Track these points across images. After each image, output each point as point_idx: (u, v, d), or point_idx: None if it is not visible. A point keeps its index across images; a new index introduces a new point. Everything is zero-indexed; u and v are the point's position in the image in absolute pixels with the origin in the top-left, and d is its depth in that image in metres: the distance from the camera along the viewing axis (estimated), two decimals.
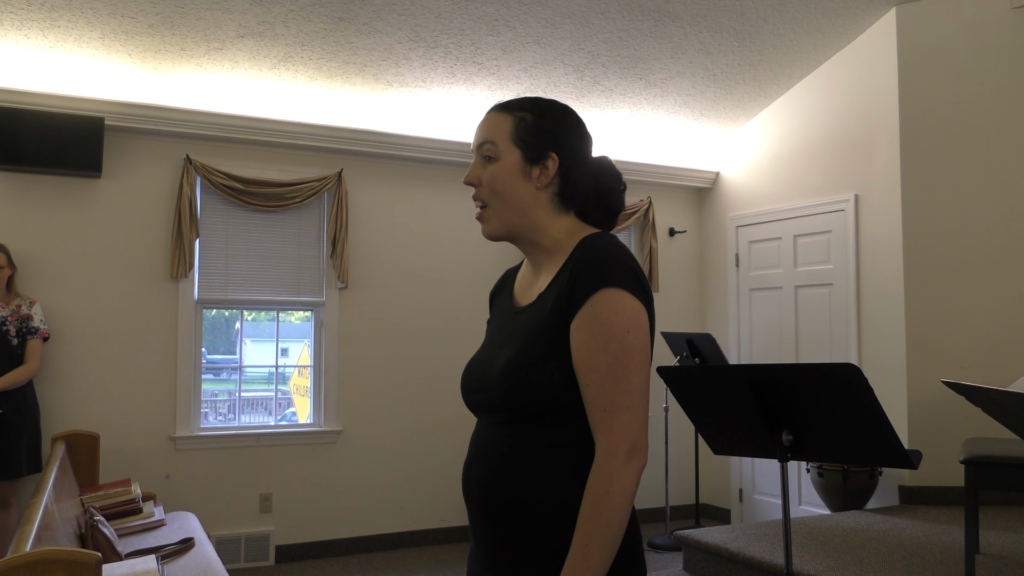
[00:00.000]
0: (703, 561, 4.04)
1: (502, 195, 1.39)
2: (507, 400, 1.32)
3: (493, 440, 1.36)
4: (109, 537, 3.19)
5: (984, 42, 4.85)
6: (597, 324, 1.27)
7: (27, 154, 4.37)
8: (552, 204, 1.41)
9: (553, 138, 1.40)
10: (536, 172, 1.39)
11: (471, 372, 1.44)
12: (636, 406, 1.25)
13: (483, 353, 1.44)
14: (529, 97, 1.45)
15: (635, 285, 1.29)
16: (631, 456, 1.24)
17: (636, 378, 1.26)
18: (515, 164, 1.39)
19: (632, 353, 1.26)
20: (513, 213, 1.40)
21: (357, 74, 4.82)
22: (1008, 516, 4.42)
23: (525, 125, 1.40)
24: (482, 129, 1.43)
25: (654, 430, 6.15)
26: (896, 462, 2.07)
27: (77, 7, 3.96)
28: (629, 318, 1.27)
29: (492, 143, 1.40)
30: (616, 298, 1.27)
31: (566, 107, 1.46)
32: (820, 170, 5.49)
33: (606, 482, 1.23)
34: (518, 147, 1.39)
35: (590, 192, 1.44)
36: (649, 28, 4.76)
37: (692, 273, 6.50)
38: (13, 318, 4.16)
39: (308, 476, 5.07)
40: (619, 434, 1.24)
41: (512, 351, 1.35)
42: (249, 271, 5.05)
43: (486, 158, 1.41)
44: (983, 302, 4.78)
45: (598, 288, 1.27)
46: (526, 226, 1.41)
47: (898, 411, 4.83)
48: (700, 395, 2.34)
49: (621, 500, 1.22)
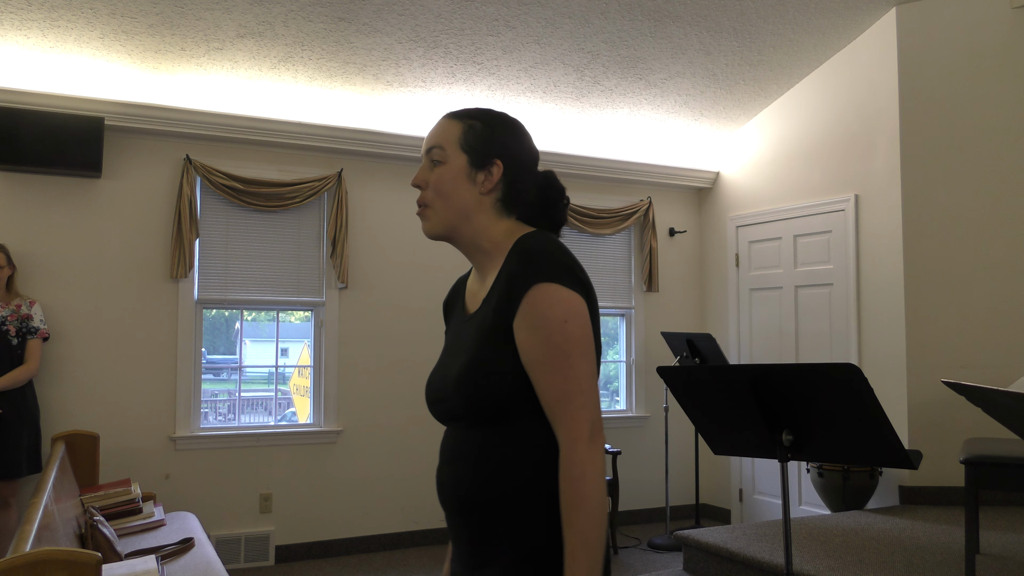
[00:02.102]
0: (703, 561, 4.04)
1: (446, 197, 1.44)
2: (467, 406, 1.37)
3: (461, 444, 1.41)
4: (109, 537, 3.19)
5: (984, 42, 4.85)
6: (535, 319, 1.31)
7: (27, 154, 4.37)
8: (494, 208, 1.46)
9: (499, 146, 1.45)
10: (481, 177, 1.44)
11: (431, 384, 1.48)
12: (587, 390, 1.29)
13: (440, 362, 1.49)
14: (480, 107, 1.50)
15: (569, 278, 1.33)
16: (592, 438, 1.29)
17: (582, 363, 1.30)
18: (461, 168, 1.44)
19: (574, 341, 1.30)
20: (454, 215, 1.44)
21: (357, 74, 4.82)
22: (1008, 516, 4.42)
23: (473, 132, 1.45)
24: (432, 134, 1.47)
25: (654, 430, 6.15)
26: (896, 462, 2.07)
27: (77, 7, 3.96)
28: (566, 308, 1.30)
29: (440, 148, 1.45)
30: (550, 291, 1.31)
31: (515, 120, 1.51)
32: (820, 170, 5.49)
33: (578, 466, 1.27)
34: (465, 152, 1.44)
35: (534, 202, 1.48)
36: (649, 28, 4.76)
37: (692, 273, 6.50)
38: (13, 318, 4.16)
39: (308, 476, 5.06)
40: (577, 420, 1.29)
41: (464, 358, 1.39)
42: (249, 271, 5.05)
43: (434, 162, 1.45)
44: (983, 302, 4.78)
45: (531, 285, 1.31)
46: (467, 229, 1.45)
47: (898, 411, 4.83)
48: (700, 395, 2.34)
49: (596, 480, 1.27)
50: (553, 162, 5.84)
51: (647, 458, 6.12)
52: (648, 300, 6.29)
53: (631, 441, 6.05)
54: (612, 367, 6.39)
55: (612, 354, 6.37)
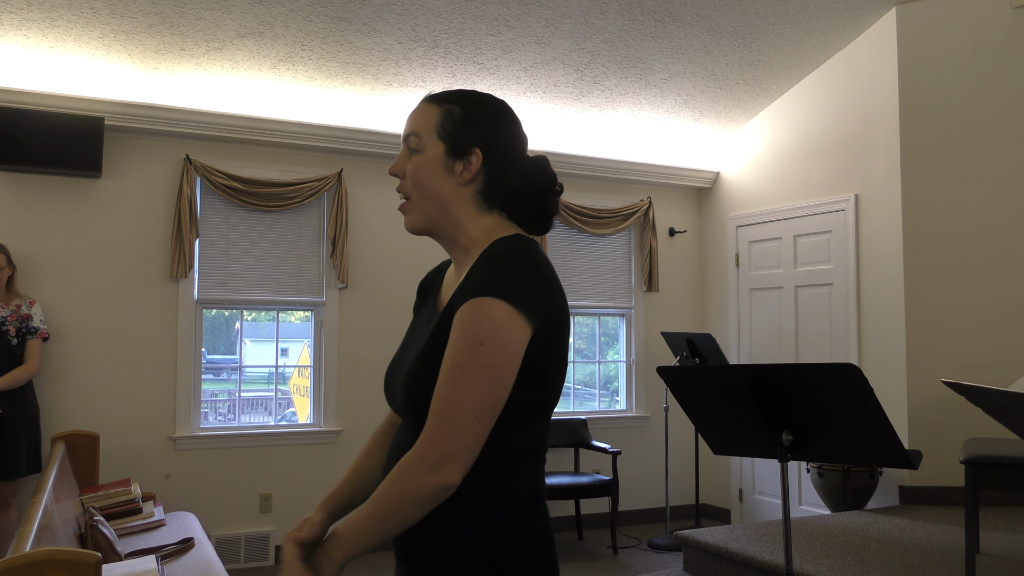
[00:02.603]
0: (703, 561, 4.04)
1: (423, 188, 1.36)
2: (410, 407, 1.31)
3: (404, 443, 1.34)
4: (109, 537, 3.19)
5: (985, 42, 4.85)
6: (459, 329, 1.24)
7: (27, 154, 4.37)
8: (474, 202, 1.38)
9: (479, 133, 1.36)
10: (459, 167, 1.35)
11: (389, 375, 1.43)
12: (459, 419, 1.20)
13: (399, 354, 1.43)
14: (462, 90, 1.41)
15: (520, 297, 1.23)
16: (435, 468, 1.20)
17: (471, 391, 1.20)
18: (437, 158, 1.35)
19: (478, 365, 1.21)
20: (433, 207, 1.37)
21: (357, 74, 4.82)
22: (1008, 516, 4.42)
23: (452, 118, 1.36)
24: (410, 120, 1.39)
25: (654, 430, 6.15)
26: (896, 462, 2.07)
27: (77, 7, 3.96)
28: (490, 329, 1.21)
29: (417, 135, 1.37)
30: (485, 307, 1.22)
31: (499, 102, 1.41)
32: (820, 170, 5.49)
33: (397, 476, 1.22)
34: (442, 140, 1.36)
35: (517, 191, 1.39)
36: (649, 28, 4.76)
37: (692, 273, 6.50)
38: (13, 318, 4.16)
39: (308, 476, 5.06)
40: (431, 440, 1.21)
41: (413, 357, 1.34)
42: (249, 271, 5.04)
43: (411, 150, 1.37)
44: (983, 302, 4.78)
45: (474, 295, 1.24)
46: (446, 222, 1.38)
47: (898, 411, 4.83)
48: (700, 395, 2.34)
49: (401, 500, 1.22)
50: (553, 162, 5.80)
51: (647, 458, 6.12)
52: (648, 300, 6.29)
53: (631, 441, 6.05)
54: (612, 367, 6.39)
55: (612, 354, 6.37)
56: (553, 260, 5.88)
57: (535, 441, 1.35)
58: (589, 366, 6.36)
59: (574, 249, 6.04)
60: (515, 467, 1.32)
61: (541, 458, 1.39)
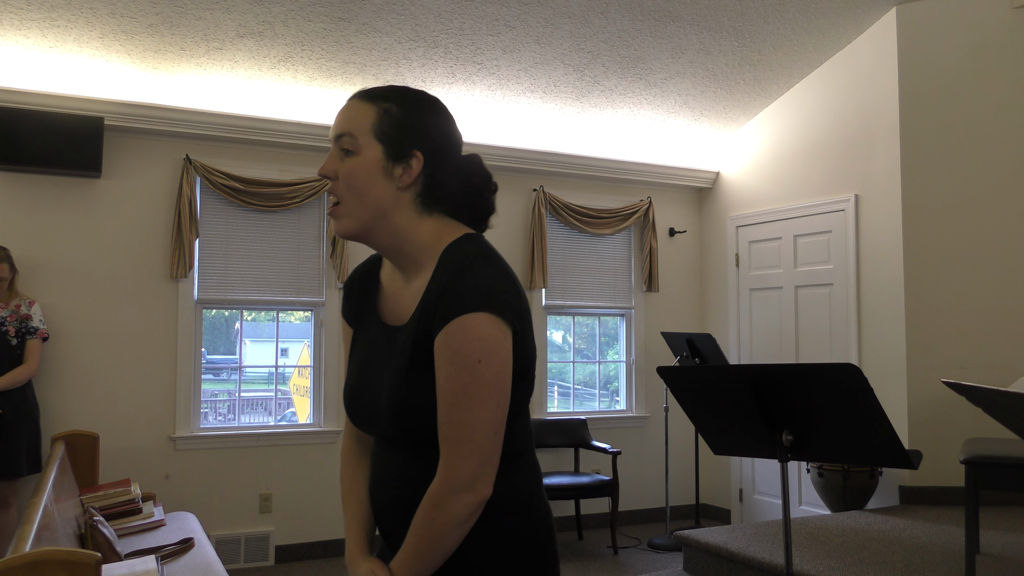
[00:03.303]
0: (703, 561, 4.04)
1: (360, 194, 1.29)
2: (401, 431, 1.31)
3: (396, 464, 1.35)
4: (109, 537, 3.19)
5: (985, 42, 4.85)
6: (450, 353, 1.22)
7: (27, 154, 4.37)
8: (414, 205, 1.32)
9: (419, 134, 1.30)
10: (398, 171, 1.29)
11: (357, 399, 1.39)
12: (478, 439, 1.21)
13: (364, 376, 1.38)
14: (396, 86, 1.34)
15: (497, 306, 1.22)
16: (467, 489, 1.22)
17: (482, 410, 1.21)
18: (375, 161, 1.29)
19: (482, 384, 1.21)
20: (370, 214, 1.30)
21: (357, 74, 4.82)
22: (1008, 516, 4.42)
23: (390, 118, 1.29)
24: (342, 118, 1.31)
25: (654, 430, 6.15)
26: (896, 462, 2.07)
27: (77, 7, 3.96)
28: (483, 346, 1.21)
29: (351, 136, 1.29)
30: (471, 325, 1.21)
31: (435, 99, 1.36)
32: (820, 170, 5.49)
33: (432, 512, 1.24)
34: (380, 142, 1.29)
35: (457, 193, 1.35)
36: (649, 28, 4.76)
37: (692, 273, 6.50)
38: (12, 318, 4.16)
39: (308, 476, 5.06)
40: (455, 467, 1.22)
41: (396, 380, 1.30)
42: (249, 271, 5.04)
43: (344, 151, 1.30)
44: (983, 303, 4.78)
45: (455, 315, 1.21)
46: (385, 229, 1.31)
47: (898, 411, 4.83)
48: (700, 395, 2.34)
49: (445, 529, 1.23)
50: (553, 162, 5.85)
51: (647, 458, 6.12)
52: (648, 300, 6.29)
53: (631, 441, 6.05)
54: (612, 367, 6.39)
55: (612, 354, 6.37)
56: (553, 260, 5.90)
57: (521, 438, 1.36)
58: (589, 366, 6.36)
59: (574, 249, 6.04)
60: (509, 467, 1.32)
61: (530, 454, 1.39)
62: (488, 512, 1.28)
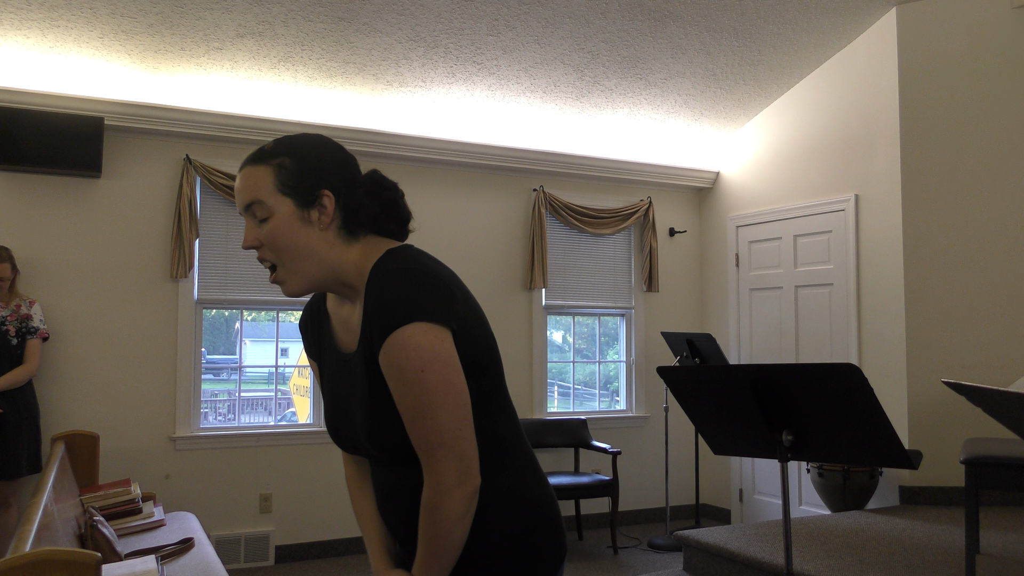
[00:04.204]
0: (703, 561, 4.04)
1: (290, 249, 1.32)
2: (385, 453, 1.37)
3: (395, 478, 1.40)
4: (109, 537, 3.19)
5: (984, 42, 4.85)
6: (394, 370, 1.26)
7: (27, 154, 4.37)
8: (340, 238, 1.36)
9: (319, 174, 1.34)
10: (315, 215, 1.33)
11: (337, 429, 1.45)
12: (448, 441, 1.26)
13: (336, 406, 1.43)
14: (278, 140, 1.38)
15: (426, 312, 1.25)
16: (455, 486, 1.27)
17: (441, 415, 1.25)
18: (290, 214, 1.32)
19: (431, 391, 1.25)
20: (309, 263, 1.33)
21: (357, 74, 4.82)
22: (1008, 516, 4.42)
23: (287, 171, 1.32)
24: (243, 188, 1.34)
25: (654, 430, 6.15)
26: (896, 462, 2.07)
27: (77, 7, 3.96)
28: (421, 356, 1.24)
29: (260, 201, 1.32)
30: (404, 339, 1.24)
31: (320, 137, 1.40)
32: (820, 170, 5.49)
33: (432, 516, 1.29)
34: (288, 196, 1.32)
35: (376, 212, 1.39)
36: (649, 28, 4.76)
37: (692, 273, 6.50)
38: (12, 318, 4.16)
39: (308, 476, 5.06)
40: (438, 471, 1.27)
41: (363, 408, 1.35)
42: (249, 271, 5.04)
43: (260, 220, 1.33)
44: (983, 302, 4.78)
45: (386, 333, 1.25)
46: (327, 272, 1.35)
47: (898, 411, 4.83)
48: (700, 395, 2.34)
49: (447, 527, 1.28)
50: (553, 162, 5.84)
51: (647, 458, 6.12)
52: (648, 300, 6.29)
53: (631, 441, 6.05)
54: (612, 367, 6.39)
55: (612, 354, 6.37)
56: (553, 260, 5.90)
57: (502, 426, 1.39)
58: (589, 366, 6.36)
59: (574, 249, 6.04)
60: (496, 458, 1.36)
61: (517, 443, 1.42)
62: (477, 519, 1.33)
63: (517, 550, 1.36)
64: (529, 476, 1.41)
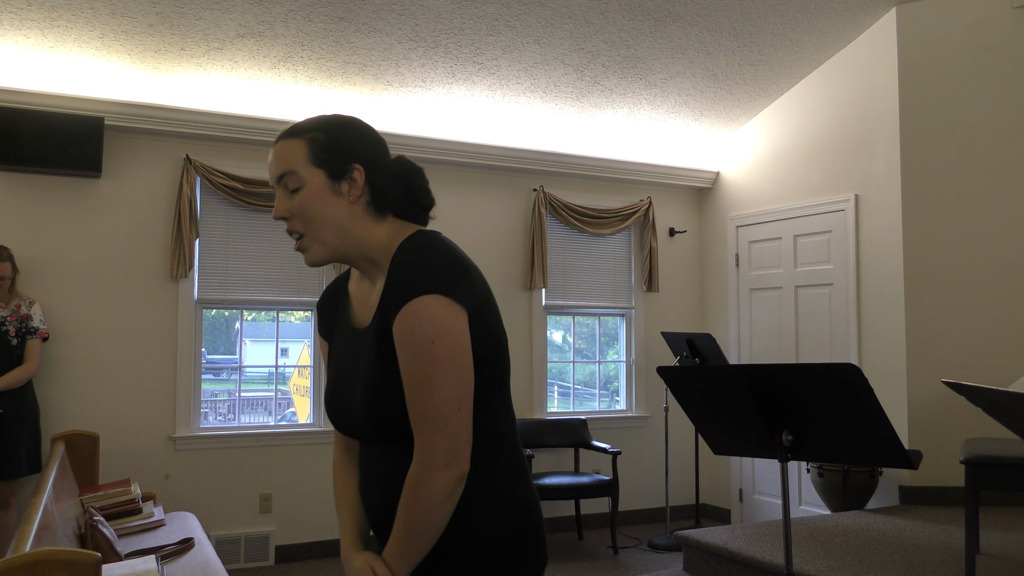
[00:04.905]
0: (703, 561, 4.04)
1: (318, 219, 1.37)
2: (378, 428, 1.35)
3: (382, 463, 1.39)
4: (109, 537, 3.19)
5: (984, 42, 4.85)
6: (404, 338, 1.27)
7: (27, 154, 4.37)
8: (368, 214, 1.40)
9: (351, 149, 1.39)
10: (345, 187, 1.37)
11: (335, 405, 1.44)
12: (443, 417, 1.26)
13: (339, 382, 1.44)
14: (313, 117, 1.44)
15: (446, 287, 1.28)
16: (441, 467, 1.26)
17: (443, 388, 1.26)
18: (321, 185, 1.36)
19: (437, 363, 1.25)
20: (335, 234, 1.37)
21: (357, 74, 4.82)
22: (1008, 516, 4.42)
23: (320, 144, 1.38)
24: (277, 161, 1.39)
25: (654, 430, 6.15)
26: (896, 462, 2.07)
27: (77, 7, 3.96)
28: (434, 327, 1.26)
29: (292, 172, 1.37)
30: (420, 308, 1.26)
31: (354, 118, 1.45)
32: (820, 170, 5.49)
33: (414, 493, 1.28)
34: (320, 168, 1.37)
35: (401, 193, 1.43)
36: (649, 28, 4.76)
37: (692, 273, 6.50)
38: (12, 318, 4.16)
39: (308, 476, 5.06)
40: (429, 446, 1.27)
41: (364, 379, 1.35)
42: (249, 271, 5.04)
43: (291, 191, 1.38)
44: (983, 302, 4.78)
45: (404, 301, 1.27)
46: (350, 244, 1.39)
47: (898, 411, 4.83)
48: (700, 395, 2.34)
49: (427, 507, 1.27)
50: (553, 162, 5.85)
51: (647, 458, 6.12)
52: (648, 300, 6.29)
53: (631, 441, 6.05)
54: (612, 367, 6.39)
55: (612, 354, 6.37)
56: (553, 260, 5.90)
57: (501, 422, 1.39)
58: (589, 366, 6.36)
59: (574, 249, 6.04)
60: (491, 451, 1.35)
61: (513, 442, 1.41)
62: (468, 513, 1.32)
63: (502, 551, 1.35)
64: (521, 479, 1.40)
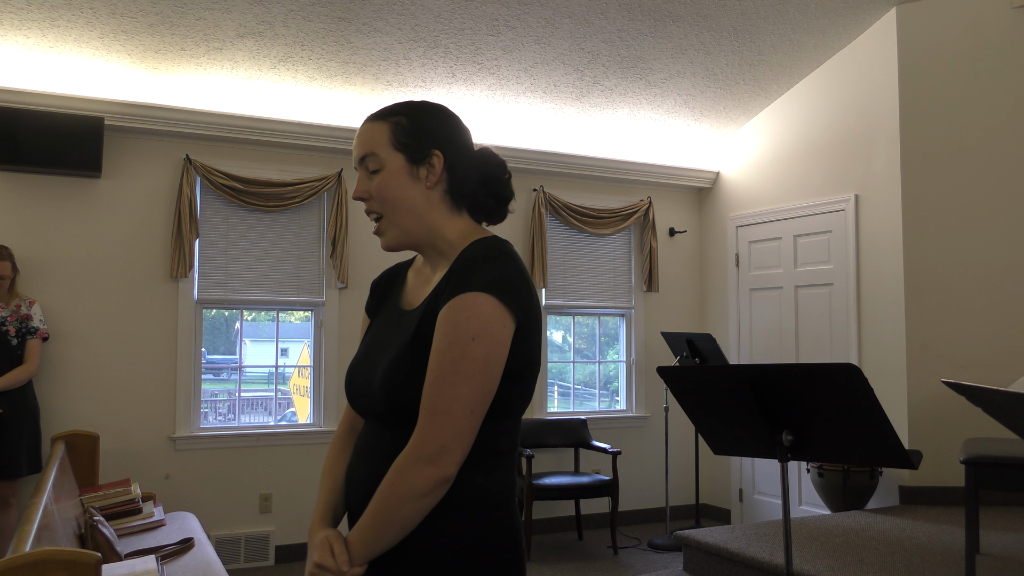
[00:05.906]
0: (703, 561, 4.04)
1: (395, 202, 1.39)
2: (389, 404, 1.33)
3: (377, 442, 1.36)
4: (109, 537, 3.19)
5: (984, 42, 4.85)
6: (447, 325, 1.26)
7: (27, 154, 4.37)
8: (445, 203, 1.41)
9: (433, 135, 1.39)
10: (423, 172, 1.39)
11: (355, 378, 1.43)
12: (454, 413, 1.24)
13: (366, 356, 1.43)
14: (400, 102, 1.44)
15: (505, 293, 1.27)
16: (431, 462, 1.23)
17: (465, 386, 1.24)
18: (401, 168, 1.38)
19: (470, 360, 1.24)
20: (409, 218, 1.39)
21: (357, 74, 4.82)
22: (1008, 516, 4.42)
23: (402, 128, 1.39)
24: (360, 142, 1.41)
25: (654, 430, 6.15)
26: (896, 462, 2.07)
27: (77, 7, 3.96)
28: (480, 325, 1.25)
29: (373, 154, 1.39)
30: (474, 303, 1.26)
31: (439, 105, 1.45)
32: (820, 170, 5.49)
33: (394, 478, 1.25)
34: (400, 151, 1.38)
35: (478, 184, 1.43)
36: (649, 28, 4.76)
37: (692, 273, 6.50)
38: (12, 318, 4.16)
39: (308, 476, 5.06)
40: (424, 436, 1.24)
41: (393, 356, 1.35)
42: (249, 271, 5.04)
43: (372, 172, 1.40)
44: (983, 302, 4.78)
45: (462, 291, 1.27)
46: (423, 229, 1.40)
47: (898, 411, 4.83)
48: (700, 395, 2.34)
49: (402, 496, 1.24)
50: (553, 162, 5.85)
51: (647, 458, 6.12)
52: (648, 300, 6.29)
53: (631, 441, 6.05)
54: (612, 367, 6.39)
55: (612, 354, 6.37)
56: (553, 260, 5.90)
57: (507, 438, 1.36)
58: (589, 366, 6.36)
59: (574, 249, 6.04)
60: (487, 464, 1.33)
61: (512, 458, 1.40)
62: (460, 503, 1.30)
63: (483, 557, 1.31)
64: (510, 495, 1.38)
